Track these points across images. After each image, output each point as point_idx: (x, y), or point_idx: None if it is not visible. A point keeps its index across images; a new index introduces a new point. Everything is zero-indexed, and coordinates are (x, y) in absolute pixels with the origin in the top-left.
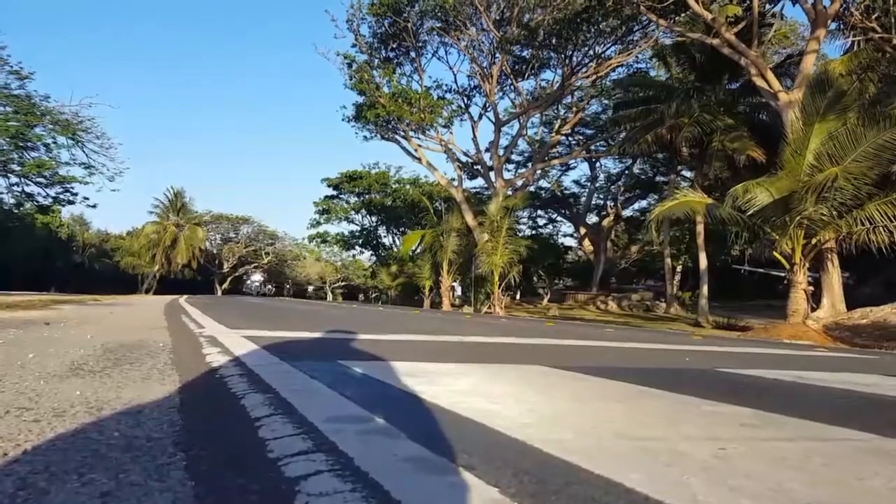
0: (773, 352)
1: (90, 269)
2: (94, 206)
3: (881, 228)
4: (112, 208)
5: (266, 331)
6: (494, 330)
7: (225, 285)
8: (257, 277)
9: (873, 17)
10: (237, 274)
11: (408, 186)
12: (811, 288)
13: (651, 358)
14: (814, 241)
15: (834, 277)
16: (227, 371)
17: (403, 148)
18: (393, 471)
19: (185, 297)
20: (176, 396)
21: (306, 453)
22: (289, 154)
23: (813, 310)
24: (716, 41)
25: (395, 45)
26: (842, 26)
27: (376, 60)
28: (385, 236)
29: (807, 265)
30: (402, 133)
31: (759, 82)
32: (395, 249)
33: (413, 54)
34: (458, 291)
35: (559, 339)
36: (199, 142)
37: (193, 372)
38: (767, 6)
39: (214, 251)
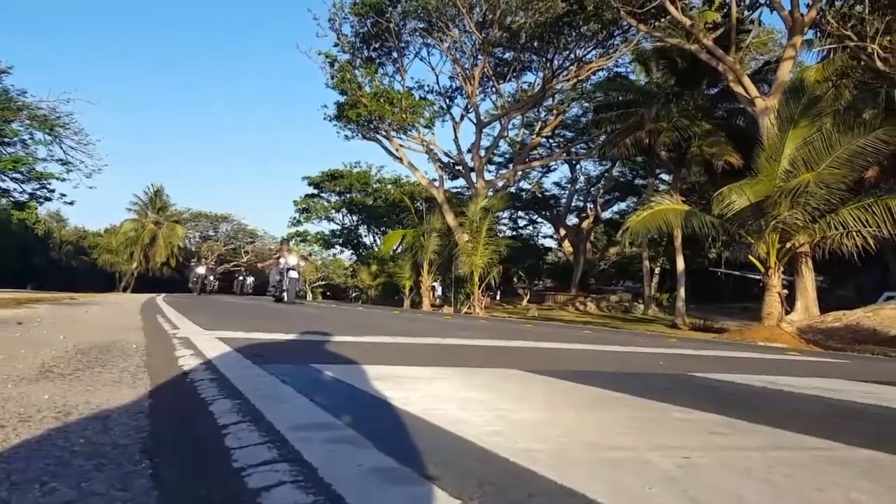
0: (746, 355)
1: (67, 267)
2: (71, 203)
3: (854, 233)
4: (90, 205)
5: (241, 332)
6: (473, 331)
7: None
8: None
9: (849, 25)
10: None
11: (389, 186)
12: (786, 291)
13: (626, 361)
14: (788, 244)
15: (808, 281)
16: (198, 375)
17: (385, 148)
18: (356, 482)
19: (163, 295)
20: (146, 401)
21: (270, 463)
22: (269, 152)
23: (787, 313)
24: (694, 47)
25: (377, 45)
26: (818, 34)
27: (358, 60)
28: (366, 236)
29: (781, 269)
30: (384, 133)
31: (737, 88)
32: (376, 249)
33: (395, 55)
34: (439, 291)
35: (537, 341)
36: (178, 139)
37: (165, 375)
38: (745, 13)
39: (193, 249)
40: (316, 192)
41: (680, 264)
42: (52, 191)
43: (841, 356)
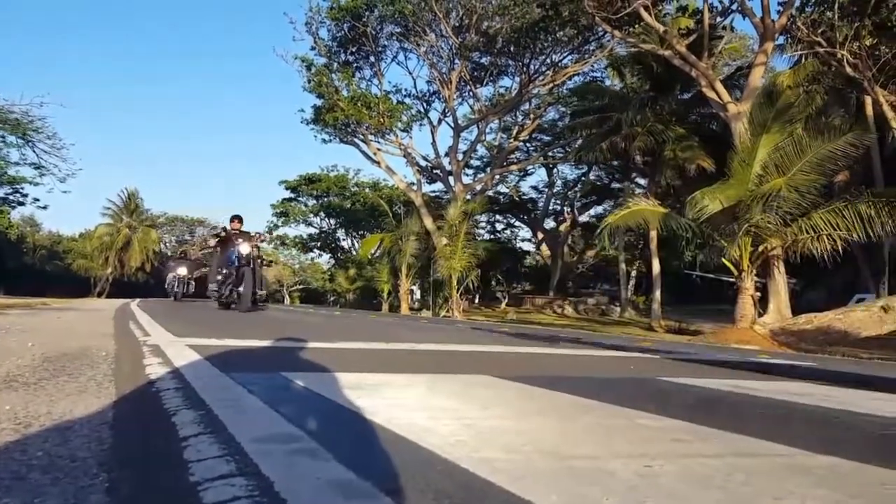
0: (717, 358)
1: (41, 272)
2: (44, 208)
3: (825, 236)
4: (64, 210)
5: (213, 339)
6: (449, 336)
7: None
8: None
9: (819, 31)
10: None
11: (367, 190)
12: (758, 294)
13: (599, 366)
14: (761, 248)
15: (780, 283)
16: (164, 384)
17: (362, 151)
18: (313, 497)
19: (138, 301)
20: (109, 411)
21: (227, 477)
22: (246, 156)
23: (760, 315)
24: (668, 52)
25: (354, 49)
26: (789, 40)
27: (335, 64)
28: (344, 239)
29: (754, 271)
30: (362, 136)
31: (710, 93)
32: (354, 253)
33: (372, 59)
34: (417, 295)
35: (512, 345)
36: (153, 143)
37: (131, 385)
38: (718, 19)
39: (169, 254)
40: (293, 196)
41: (656, 267)
42: (26, 195)
43: (811, 359)
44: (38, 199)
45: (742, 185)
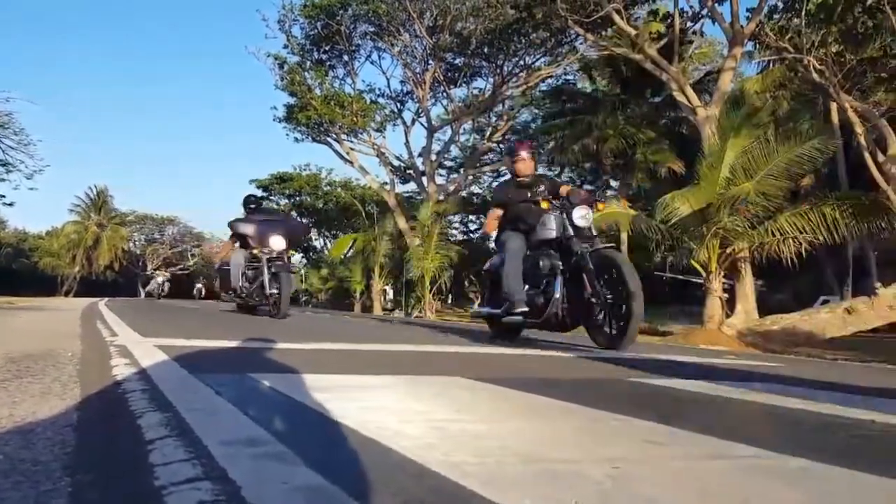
0: (686, 359)
1: (7, 270)
2: (10, 205)
3: (791, 239)
4: (31, 207)
5: (181, 339)
6: (422, 336)
7: (149, 287)
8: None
9: (786, 37)
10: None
11: (339, 189)
12: (726, 295)
13: (571, 367)
14: (729, 250)
15: (748, 285)
16: (130, 386)
17: (335, 151)
18: (280, 501)
19: (106, 300)
20: (74, 413)
21: (193, 481)
22: (217, 153)
23: (728, 316)
24: (639, 56)
25: (327, 48)
26: (758, 46)
27: (308, 62)
28: (316, 239)
29: (722, 273)
30: (335, 136)
31: (680, 97)
32: (326, 252)
33: (346, 57)
34: (390, 295)
35: (485, 346)
36: (123, 140)
37: (97, 386)
38: (688, 24)
39: (138, 252)
40: (265, 194)
41: None
42: None
43: (777, 360)
44: (3, 196)
45: (711, 189)
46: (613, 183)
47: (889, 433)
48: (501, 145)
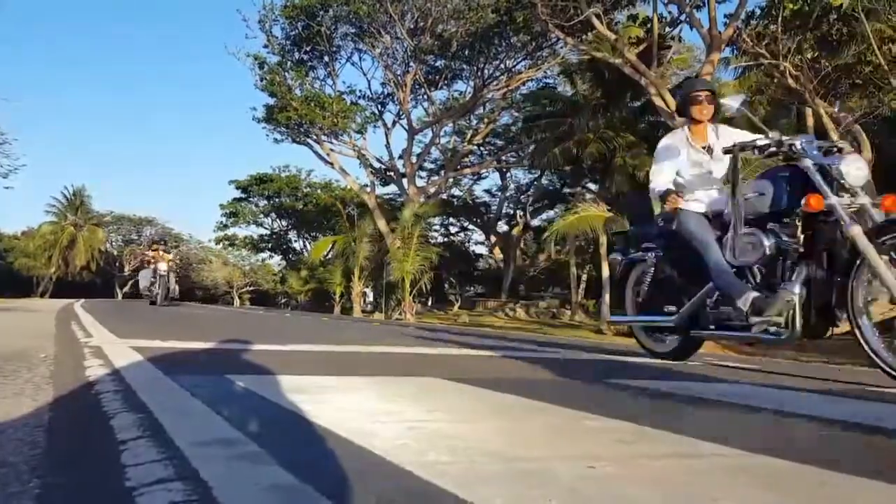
0: (662, 360)
1: None
2: None
3: None
4: (6, 207)
5: (157, 340)
6: (400, 338)
7: (126, 288)
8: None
9: (763, 43)
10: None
11: (319, 191)
12: None
13: (546, 368)
14: None
15: None
16: (104, 387)
17: (316, 152)
18: (252, 502)
19: (82, 301)
20: (46, 414)
21: (165, 482)
22: (195, 154)
23: None
24: (619, 61)
25: (308, 49)
26: (735, 51)
27: (289, 63)
28: (295, 241)
29: None
30: (315, 137)
31: (658, 102)
32: (306, 254)
33: (327, 58)
34: (370, 297)
35: (463, 348)
36: (100, 140)
37: (70, 386)
38: (667, 29)
39: (115, 253)
40: (244, 196)
41: (605, 271)
42: None
43: (753, 360)
44: None
45: None
46: (593, 186)
47: (860, 433)
48: (482, 148)
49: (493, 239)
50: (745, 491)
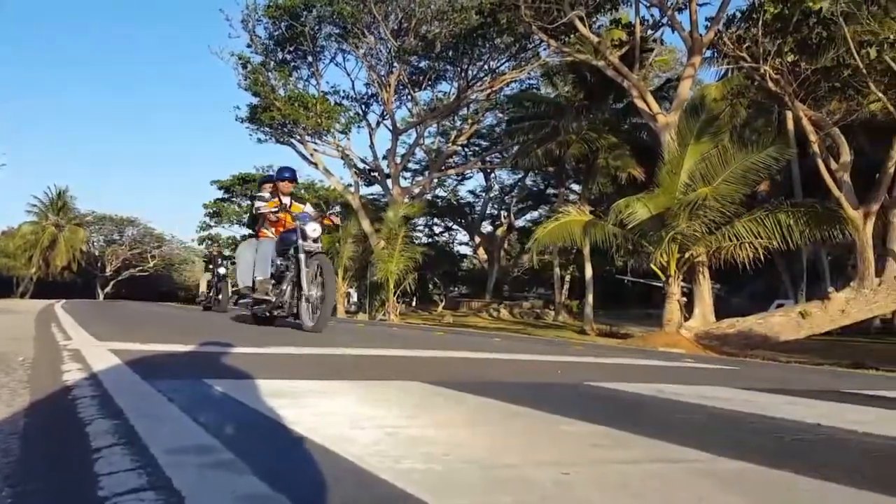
0: (643, 362)
1: None
2: None
3: (747, 244)
4: None
5: (137, 343)
6: (383, 340)
7: (108, 289)
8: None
9: (744, 47)
10: (121, 277)
11: (303, 191)
12: (684, 299)
13: (530, 370)
14: (687, 255)
15: (705, 289)
16: (81, 392)
17: (299, 152)
18: None
19: (63, 302)
20: (20, 421)
21: (137, 491)
22: (178, 154)
23: (686, 319)
24: (601, 63)
25: (291, 49)
26: (716, 54)
27: (272, 62)
28: None
29: (681, 277)
30: (298, 137)
31: (640, 104)
32: None
33: (310, 59)
34: (354, 298)
35: (447, 350)
36: (83, 140)
37: (47, 391)
38: (649, 32)
39: (97, 253)
40: (226, 195)
41: (588, 272)
42: None
43: (732, 363)
44: None
45: (670, 194)
46: (576, 187)
47: (833, 437)
48: (466, 149)
49: (477, 239)
50: (714, 495)
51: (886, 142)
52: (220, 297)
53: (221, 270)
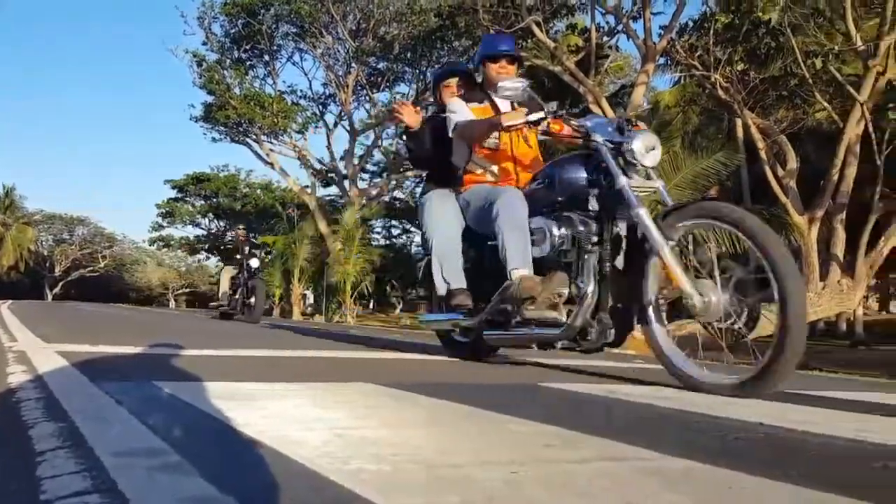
0: (596, 363)
1: None
2: None
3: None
4: None
5: (86, 345)
6: (337, 342)
7: (56, 290)
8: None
9: (696, 55)
10: (70, 278)
11: (259, 191)
12: None
13: (480, 372)
14: None
15: None
16: (25, 394)
17: (255, 152)
18: None
19: (9, 303)
20: None
21: (81, 494)
22: (130, 152)
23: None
24: (558, 68)
25: (248, 47)
26: (669, 62)
27: (228, 61)
28: (233, 242)
29: None
30: (254, 137)
31: (596, 109)
32: None
33: (267, 57)
34: (311, 300)
35: (402, 352)
36: (30, 138)
37: None
38: (605, 38)
39: (45, 253)
40: (180, 195)
41: None
42: None
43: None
44: None
45: None
46: None
47: (774, 436)
48: None
49: None
50: (658, 493)
51: (831, 150)
52: (253, 300)
53: (254, 263)
